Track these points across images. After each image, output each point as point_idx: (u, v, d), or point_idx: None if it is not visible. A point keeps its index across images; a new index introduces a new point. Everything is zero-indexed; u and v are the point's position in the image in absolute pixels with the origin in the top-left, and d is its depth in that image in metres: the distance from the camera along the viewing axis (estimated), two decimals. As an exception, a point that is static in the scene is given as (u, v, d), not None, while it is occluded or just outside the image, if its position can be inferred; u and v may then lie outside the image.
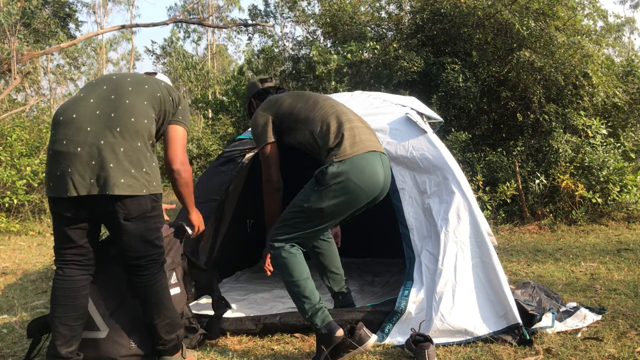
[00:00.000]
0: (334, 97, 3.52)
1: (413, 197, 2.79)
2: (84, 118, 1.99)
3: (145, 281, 2.10)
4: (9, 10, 9.87)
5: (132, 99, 2.07)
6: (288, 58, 10.24)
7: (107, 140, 1.95)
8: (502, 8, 7.31)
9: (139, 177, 1.98)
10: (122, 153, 1.96)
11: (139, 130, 2.02)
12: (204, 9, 23.03)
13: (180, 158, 2.19)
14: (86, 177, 1.93)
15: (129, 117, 2.01)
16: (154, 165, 2.09)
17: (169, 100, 2.21)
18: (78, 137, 1.95)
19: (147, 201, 2.03)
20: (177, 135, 2.22)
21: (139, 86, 2.14)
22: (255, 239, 4.38)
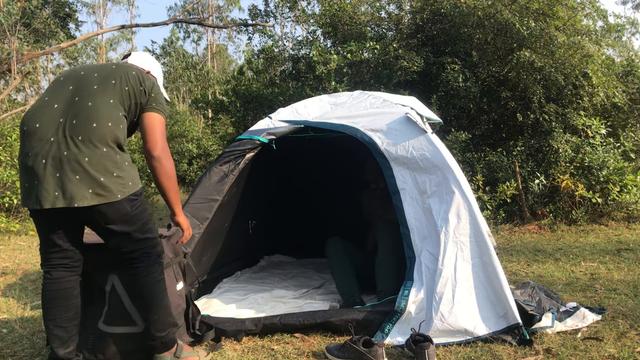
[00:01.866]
0: (334, 97, 3.52)
1: (413, 197, 2.79)
2: (47, 128, 1.95)
3: (138, 273, 2.09)
4: (9, 10, 9.87)
5: (96, 101, 2.00)
6: (288, 58, 10.24)
7: (70, 151, 1.90)
8: (502, 8, 7.31)
9: (109, 184, 1.93)
10: (87, 163, 1.90)
11: (102, 136, 1.95)
12: (204, 9, 23.02)
13: (160, 145, 2.10)
14: (50, 190, 1.89)
15: (90, 123, 1.94)
16: (126, 164, 2.03)
17: (139, 90, 2.12)
18: (42, 150, 1.92)
19: (125, 204, 1.99)
20: (153, 122, 2.12)
21: (105, 83, 2.07)
22: (256, 239, 4.39)
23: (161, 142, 2.10)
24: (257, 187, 4.03)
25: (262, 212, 4.47)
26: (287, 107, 3.52)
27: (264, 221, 4.53)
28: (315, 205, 4.93)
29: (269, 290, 3.39)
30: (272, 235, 4.79)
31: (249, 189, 3.81)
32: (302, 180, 4.91)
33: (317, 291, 3.40)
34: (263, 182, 4.24)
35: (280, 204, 4.92)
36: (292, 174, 4.86)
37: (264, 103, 8.76)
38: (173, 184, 2.15)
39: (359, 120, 3.05)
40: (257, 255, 4.57)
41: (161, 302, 2.12)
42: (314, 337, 2.61)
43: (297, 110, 3.40)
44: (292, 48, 11.77)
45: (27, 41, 11.38)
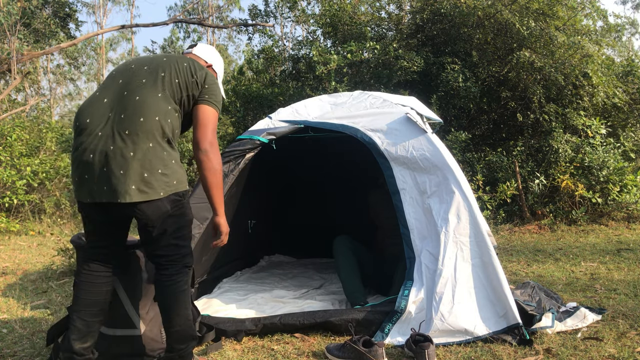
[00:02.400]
0: (334, 97, 3.52)
1: (413, 197, 2.79)
2: (96, 122, 1.95)
3: (163, 280, 2.03)
4: (9, 10, 9.87)
5: (144, 94, 1.98)
6: (288, 58, 10.24)
7: (117, 145, 1.88)
8: (502, 8, 7.31)
9: (152, 181, 1.89)
10: (132, 158, 1.87)
11: (149, 130, 1.91)
12: (204, 9, 23.02)
13: (209, 139, 2.04)
14: (98, 184, 1.89)
15: (138, 117, 1.92)
16: (173, 162, 1.98)
17: (191, 82, 2.07)
18: (90, 145, 1.91)
19: (166, 202, 1.93)
20: (206, 116, 2.07)
21: (153, 76, 2.04)
22: (256, 239, 4.39)
23: (211, 136, 2.05)
24: (257, 187, 4.03)
25: (262, 212, 4.47)
26: (287, 107, 3.52)
27: (264, 221, 4.53)
28: (315, 205, 4.93)
29: (269, 290, 3.39)
30: (272, 235, 4.79)
31: (249, 188, 3.81)
32: (302, 180, 4.91)
33: (317, 291, 3.40)
34: (263, 182, 4.24)
35: (280, 204, 4.92)
36: (292, 174, 4.87)
37: (264, 103, 8.76)
38: (218, 181, 2.07)
39: (359, 120, 3.05)
40: (257, 255, 4.57)
41: (183, 313, 2.04)
42: (314, 337, 2.61)
43: (297, 110, 3.40)
44: (292, 48, 11.77)
45: (27, 41, 11.38)
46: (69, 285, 4.00)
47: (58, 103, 25.29)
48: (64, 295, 3.70)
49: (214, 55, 2.42)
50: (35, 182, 7.11)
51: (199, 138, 2.04)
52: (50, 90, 22.22)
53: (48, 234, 6.79)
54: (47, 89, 22.00)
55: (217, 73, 2.41)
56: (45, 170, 7.31)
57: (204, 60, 2.37)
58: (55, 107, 24.03)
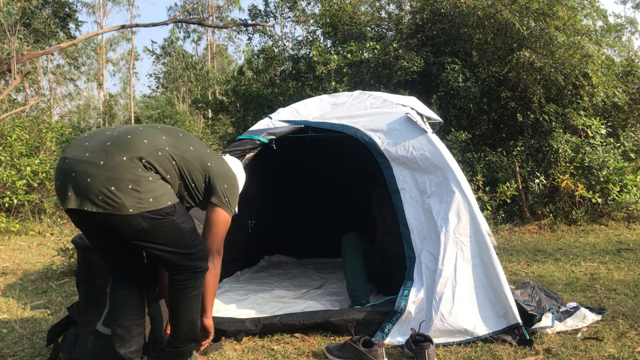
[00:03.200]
0: (334, 97, 3.52)
1: (413, 197, 2.79)
2: (90, 137, 1.94)
3: (174, 284, 2.02)
4: (9, 10, 9.87)
5: (149, 129, 1.97)
6: (288, 58, 10.24)
7: (91, 154, 1.84)
8: (502, 8, 7.31)
9: (119, 195, 1.79)
10: (101, 167, 1.81)
11: (129, 147, 1.86)
12: (204, 9, 23.01)
13: (216, 246, 2.11)
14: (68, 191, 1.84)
15: (126, 135, 1.90)
16: (150, 180, 1.86)
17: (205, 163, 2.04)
18: (71, 153, 1.89)
19: (140, 220, 1.83)
20: (219, 222, 2.09)
21: (171, 130, 2.04)
22: (256, 239, 4.39)
23: (219, 243, 2.11)
24: (257, 187, 4.03)
25: (262, 212, 4.47)
26: (287, 107, 3.51)
27: (264, 221, 4.52)
28: (315, 204, 4.93)
29: (269, 290, 3.39)
30: (272, 235, 4.79)
31: (249, 189, 3.80)
32: (302, 180, 4.91)
33: (317, 291, 3.40)
34: (263, 182, 4.23)
35: (280, 204, 4.92)
36: (292, 174, 4.86)
37: (264, 103, 8.77)
38: (215, 286, 2.17)
39: (359, 120, 3.05)
40: (257, 255, 4.57)
41: (189, 317, 2.05)
42: (314, 337, 2.61)
43: (297, 110, 3.40)
44: (292, 48, 11.77)
45: (27, 41, 11.38)
46: (69, 285, 4.00)
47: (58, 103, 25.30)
48: (64, 295, 3.70)
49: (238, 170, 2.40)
50: (35, 182, 7.11)
51: (209, 242, 2.08)
52: (50, 90, 22.23)
53: (48, 234, 6.79)
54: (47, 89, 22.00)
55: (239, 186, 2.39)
56: (45, 170, 7.31)
57: None
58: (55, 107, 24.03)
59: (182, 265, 1.99)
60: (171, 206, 1.91)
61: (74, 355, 2.28)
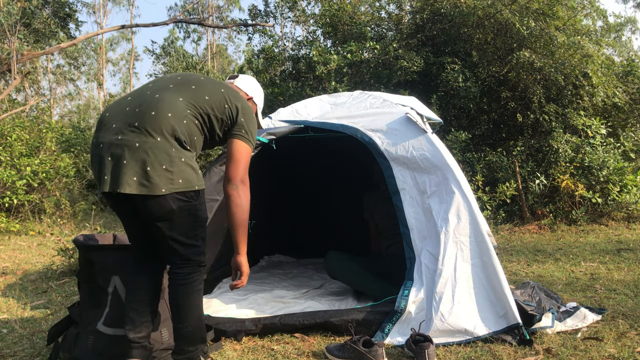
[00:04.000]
0: (334, 97, 3.52)
1: (413, 197, 2.79)
2: (114, 116, 1.97)
3: (178, 279, 2.02)
4: (9, 10, 9.87)
5: (164, 94, 1.98)
6: (288, 58, 10.24)
7: (124, 137, 1.88)
8: (502, 8, 7.31)
9: (154, 176, 1.85)
10: (136, 149, 1.86)
11: (158, 125, 1.89)
12: (204, 9, 23.02)
13: (240, 175, 2.06)
14: (106, 175, 1.89)
15: (149, 111, 1.92)
16: (182, 161, 1.92)
17: (222, 107, 2.06)
18: (104, 137, 1.93)
19: (170, 201, 1.89)
20: (240, 152, 2.07)
21: (183, 84, 2.05)
22: (256, 239, 4.38)
23: (243, 172, 2.07)
24: (256, 187, 4.02)
25: (262, 212, 4.47)
26: (287, 107, 3.52)
27: (264, 221, 4.52)
28: (315, 204, 4.93)
29: (269, 290, 3.39)
30: (272, 235, 4.79)
31: (250, 189, 3.80)
32: (302, 180, 4.91)
33: (317, 291, 3.40)
34: (263, 182, 4.24)
35: (280, 204, 4.92)
36: (292, 174, 4.87)
37: (264, 103, 8.76)
38: (243, 219, 2.06)
39: (359, 120, 3.05)
40: (257, 255, 4.56)
41: (195, 314, 2.04)
42: (314, 337, 2.61)
43: (297, 110, 3.40)
44: (292, 48, 11.76)
45: (27, 41, 11.38)
46: (69, 285, 4.00)
47: (58, 103, 25.30)
48: (64, 295, 3.70)
49: (255, 88, 2.42)
50: (35, 182, 7.11)
51: (231, 174, 2.05)
52: (50, 90, 22.24)
53: (48, 234, 6.79)
54: (47, 89, 22.01)
55: (257, 105, 2.42)
56: (45, 170, 7.30)
57: (244, 93, 2.36)
58: (55, 107, 24.04)
59: (187, 258, 2.02)
60: (197, 191, 1.98)
61: (74, 355, 2.29)
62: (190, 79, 2.10)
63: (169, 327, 2.30)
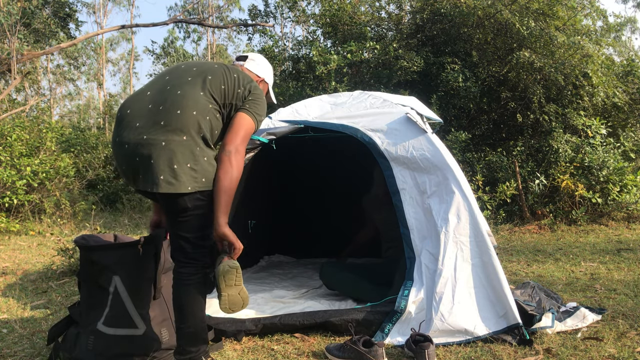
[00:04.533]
0: (334, 97, 3.53)
1: (413, 197, 2.79)
2: (136, 114, 1.99)
3: (182, 278, 2.02)
4: (9, 10, 9.87)
5: (186, 90, 1.99)
6: (288, 58, 10.24)
7: (150, 136, 1.91)
8: (502, 8, 7.31)
9: (181, 173, 1.89)
10: (163, 148, 1.89)
11: (185, 124, 1.92)
12: (204, 9, 23.02)
13: (236, 143, 2.00)
14: (135, 173, 1.94)
15: (175, 110, 1.94)
16: (205, 160, 1.96)
17: (237, 93, 2.08)
18: (128, 136, 1.95)
19: (189, 199, 1.93)
20: (240, 122, 2.04)
21: (200, 76, 2.06)
22: (256, 239, 4.39)
23: (240, 141, 2.02)
24: (257, 187, 4.03)
25: (262, 212, 4.47)
26: (287, 107, 3.52)
27: (264, 221, 4.53)
28: (315, 205, 4.93)
29: (269, 290, 3.39)
30: (272, 235, 4.79)
31: (249, 188, 3.81)
32: (302, 180, 4.91)
33: (317, 291, 3.40)
34: (263, 182, 4.24)
35: (280, 204, 4.92)
36: (292, 174, 4.87)
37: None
38: (231, 187, 1.97)
39: (359, 120, 3.05)
40: (257, 255, 4.57)
41: (198, 314, 2.04)
42: (314, 337, 2.61)
43: (297, 110, 3.40)
44: (292, 48, 11.76)
45: (27, 41, 11.39)
46: (69, 285, 4.00)
47: (58, 103, 25.31)
48: (64, 295, 3.70)
49: (265, 67, 2.42)
50: (35, 182, 7.10)
51: (227, 139, 2.02)
52: (50, 90, 22.24)
53: (48, 234, 6.79)
54: (47, 89, 22.01)
55: (268, 84, 2.43)
56: (45, 170, 7.30)
57: (255, 75, 2.37)
58: (55, 107, 24.04)
59: (193, 257, 2.03)
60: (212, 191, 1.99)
61: (75, 355, 2.29)
62: (205, 68, 2.11)
63: (168, 327, 2.30)
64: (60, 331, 2.43)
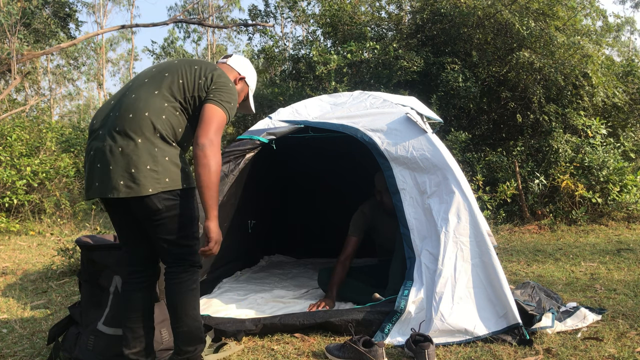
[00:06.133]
0: (334, 97, 3.53)
1: (413, 197, 2.79)
2: (100, 122, 2.01)
3: (171, 278, 2.02)
4: (9, 10, 9.87)
5: (139, 93, 1.98)
6: (288, 58, 10.24)
7: (107, 143, 1.91)
8: (502, 8, 7.31)
9: (140, 177, 1.87)
10: (119, 154, 1.89)
11: (138, 126, 1.91)
12: (204, 9, 23.01)
13: (209, 136, 1.93)
14: (94, 181, 1.93)
15: (127, 114, 1.93)
16: (166, 160, 1.93)
17: (198, 84, 2.02)
18: (93, 144, 1.97)
19: (156, 201, 1.90)
20: (209, 114, 1.97)
21: (157, 76, 2.03)
22: (256, 239, 4.39)
23: (212, 133, 1.94)
24: (257, 187, 4.03)
25: (262, 212, 4.47)
26: (287, 107, 3.52)
27: (264, 221, 4.52)
28: (315, 205, 4.93)
29: (269, 290, 3.39)
30: (272, 235, 4.79)
31: (249, 189, 3.81)
32: (302, 180, 4.91)
33: (317, 291, 3.40)
34: (263, 182, 4.24)
35: (280, 204, 4.92)
36: (292, 174, 4.87)
37: (264, 103, 8.76)
38: (212, 181, 1.92)
39: (359, 120, 3.05)
40: (257, 255, 4.57)
41: (191, 313, 2.02)
42: (314, 337, 2.61)
43: (297, 110, 3.40)
44: (292, 48, 11.76)
45: (27, 41, 11.38)
46: (69, 285, 4.00)
47: (58, 103, 25.31)
48: (64, 295, 3.70)
49: (248, 68, 2.37)
50: (35, 182, 7.11)
51: (198, 134, 1.95)
52: (50, 90, 22.24)
53: (48, 234, 6.79)
54: (47, 89, 22.01)
55: (248, 86, 2.38)
56: (45, 170, 7.31)
57: (237, 72, 2.31)
58: (55, 107, 24.04)
59: (181, 258, 2.02)
60: (185, 189, 1.98)
61: (75, 355, 2.29)
62: (163, 67, 2.08)
63: (168, 328, 2.30)
64: (60, 331, 2.43)
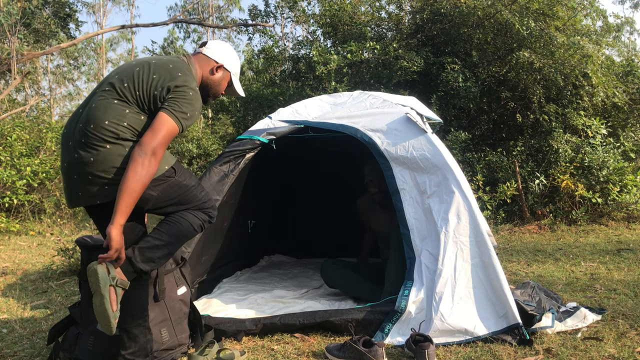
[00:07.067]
0: (334, 97, 3.53)
1: (413, 197, 2.79)
2: (69, 133, 2.01)
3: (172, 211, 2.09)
4: (9, 10, 9.87)
5: (99, 101, 1.96)
6: (288, 58, 10.24)
7: (79, 154, 1.91)
8: (502, 8, 7.31)
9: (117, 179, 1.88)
10: (92, 164, 1.89)
11: (102, 135, 1.90)
12: (204, 9, 23.01)
13: (153, 144, 1.86)
14: (74, 191, 1.96)
15: (89, 124, 1.93)
16: None
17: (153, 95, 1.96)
18: (65, 156, 1.99)
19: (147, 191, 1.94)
20: (159, 122, 1.91)
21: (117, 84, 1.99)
22: (256, 239, 4.39)
23: (157, 143, 1.88)
24: (257, 187, 4.03)
25: (262, 212, 4.47)
26: (287, 107, 3.52)
27: (264, 221, 4.52)
28: (315, 205, 4.93)
29: (269, 290, 3.39)
30: (272, 235, 4.79)
31: (249, 189, 3.81)
32: (302, 180, 4.91)
33: (317, 291, 3.40)
34: (263, 182, 4.24)
35: (280, 203, 4.92)
36: (292, 174, 4.86)
37: (264, 103, 8.76)
38: (135, 190, 1.84)
39: (359, 120, 3.05)
40: (257, 255, 4.57)
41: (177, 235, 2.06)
42: (314, 337, 2.61)
43: (297, 111, 3.40)
44: (292, 48, 11.76)
45: (27, 41, 11.38)
46: (69, 285, 4.00)
47: (58, 103, 25.31)
48: (64, 295, 3.70)
49: (225, 53, 2.24)
50: (35, 182, 7.11)
51: (145, 138, 1.88)
52: (50, 90, 22.23)
53: (48, 234, 6.79)
54: (47, 89, 22.01)
55: (229, 71, 2.27)
56: (45, 170, 7.31)
57: (213, 61, 2.21)
58: (55, 107, 24.04)
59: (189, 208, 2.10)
60: (169, 169, 2.02)
61: (75, 355, 2.29)
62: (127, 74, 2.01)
63: (168, 327, 2.30)
64: (60, 331, 2.43)
